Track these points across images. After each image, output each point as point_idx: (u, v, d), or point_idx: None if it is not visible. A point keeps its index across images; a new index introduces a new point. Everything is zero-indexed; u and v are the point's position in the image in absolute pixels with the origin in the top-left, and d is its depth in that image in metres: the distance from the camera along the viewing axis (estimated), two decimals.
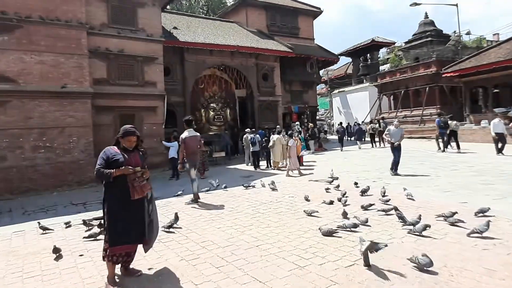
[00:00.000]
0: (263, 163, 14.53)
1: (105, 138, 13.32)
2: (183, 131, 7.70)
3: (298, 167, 11.07)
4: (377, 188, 7.38)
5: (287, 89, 24.76)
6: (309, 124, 22.03)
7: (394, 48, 37.10)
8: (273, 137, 13.39)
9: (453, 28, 29.58)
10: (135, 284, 3.44)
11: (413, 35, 29.93)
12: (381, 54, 39.46)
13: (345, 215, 5.19)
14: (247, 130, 15.34)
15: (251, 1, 24.14)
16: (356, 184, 7.74)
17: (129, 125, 3.59)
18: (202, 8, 41.26)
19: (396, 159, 9.93)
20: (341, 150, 18.54)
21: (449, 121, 15.64)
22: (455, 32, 32.25)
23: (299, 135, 14.16)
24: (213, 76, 20.58)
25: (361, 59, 35.97)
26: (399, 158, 9.96)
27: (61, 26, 12.81)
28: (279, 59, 22.05)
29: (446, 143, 15.38)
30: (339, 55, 31.75)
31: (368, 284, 3.16)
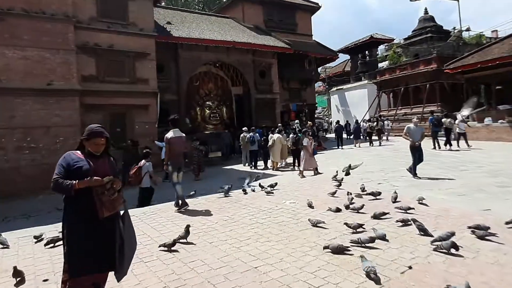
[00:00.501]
0: (260, 163, 13.96)
1: None
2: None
3: (315, 166, 10.45)
4: (385, 191, 6.76)
5: (285, 87, 24.12)
6: (308, 122, 21.38)
7: (392, 45, 36.54)
8: (273, 136, 12.79)
9: (449, 26, 29.30)
10: None
11: (413, 31, 29.35)
12: (379, 51, 38.89)
13: (357, 227, 4.51)
14: (245, 129, 14.71)
15: None
16: (363, 189, 7.11)
17: (95, 124, 2.91)
18: (198, 4, 40.48)
19: (416, 161, 8.95)
20: (341, 148, 18.00)
21: (443, 119, 15.37)
22: (455, 28, 31.77)
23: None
24: (208, 73, 19.92)
25: (360, 56, 35.39)
26: (421, 159, 9.05)
27: (46, 19, 12.11)
28: (277, 55, 21.37)
29: (446, 141, 15.14)
30: (337, 52, 31.10)
31: None
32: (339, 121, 24.24)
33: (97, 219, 2.66)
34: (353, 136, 21.58)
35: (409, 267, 3.17)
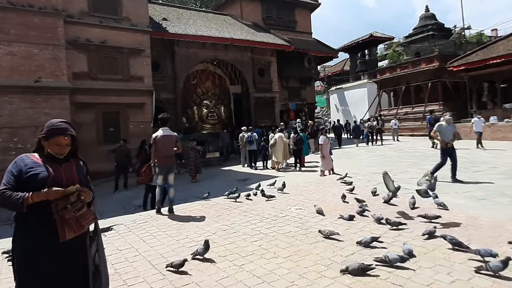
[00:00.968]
0: (259, 164, 13.44)
1: (86, 138, 12.11)
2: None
3: (331, 167, 9.94)
4: (398, 195, 6.16)
5: (284, 86, 23.57)
6: (308, 121, 20.81)
7: (392, 44, 36.04)
8: (275, 135, 12.22)
9: (447, 26, 28.83)
10: None
11: (414, 29, 28.87)
12: (378, 50, 38.40)
13: (373, 240, 3.86)
14: (243, 128, 14.14)
15: None
16: (374, 193, 6.51)
17: (58, 119, 2.28)
18: (195, 2, 39.80)
19: (444, 164, 8.04)
20: (339, 147, 17.67)
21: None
22: (456, 26, 31.32)
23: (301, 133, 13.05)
24: (206, 71, 19.34)
25: (359, 55, 34.87)
26: (455, 162, 8.01)
27: (34, 13, 11.48)
28: (276, 53, 20.79)
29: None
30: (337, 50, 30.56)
31: None
32: (339, 120, 23.74)
33: (58, 242, 2.01)
34: (353, 136, 21.12)
35: None
